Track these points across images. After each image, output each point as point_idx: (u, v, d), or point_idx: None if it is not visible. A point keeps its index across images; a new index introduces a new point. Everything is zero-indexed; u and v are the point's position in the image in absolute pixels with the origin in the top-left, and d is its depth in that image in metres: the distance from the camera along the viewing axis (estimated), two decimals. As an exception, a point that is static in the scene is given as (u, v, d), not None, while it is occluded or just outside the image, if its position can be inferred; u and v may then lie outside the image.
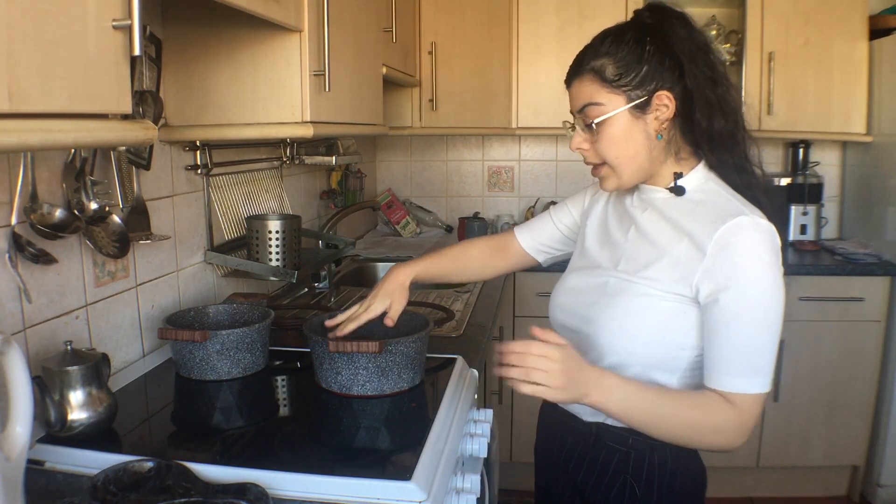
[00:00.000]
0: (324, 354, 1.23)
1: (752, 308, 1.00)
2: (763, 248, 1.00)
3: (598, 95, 1.07)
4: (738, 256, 0.99)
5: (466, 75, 2.77)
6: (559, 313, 1.23)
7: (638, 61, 1.06)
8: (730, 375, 1.01)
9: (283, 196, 2.07)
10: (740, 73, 2.79)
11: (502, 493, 1.58)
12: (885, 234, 2.70)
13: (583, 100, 1.09)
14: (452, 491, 1.06)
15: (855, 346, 2.63)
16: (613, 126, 1.07)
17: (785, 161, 3.18)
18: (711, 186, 1.10)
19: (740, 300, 0.99)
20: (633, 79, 1.06)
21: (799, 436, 2.70)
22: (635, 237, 1.14)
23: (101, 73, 0.74)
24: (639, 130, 1.08)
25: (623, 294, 1.10)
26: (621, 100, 1.06)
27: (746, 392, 1.00)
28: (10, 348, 0.81)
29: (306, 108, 1.37)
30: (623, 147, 1.08)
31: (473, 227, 3.01)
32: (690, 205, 1.09)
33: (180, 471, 0.89)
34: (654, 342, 1.07)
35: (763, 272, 1.00)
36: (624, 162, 1.09)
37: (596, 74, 1.07)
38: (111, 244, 1.25)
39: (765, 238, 1.00)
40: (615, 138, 1.08)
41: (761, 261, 1.00)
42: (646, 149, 1.09)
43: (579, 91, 1.10)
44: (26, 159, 1.07)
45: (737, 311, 1.00)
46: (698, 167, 1.12)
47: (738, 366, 1.00)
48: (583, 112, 1.09)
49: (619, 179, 1.12)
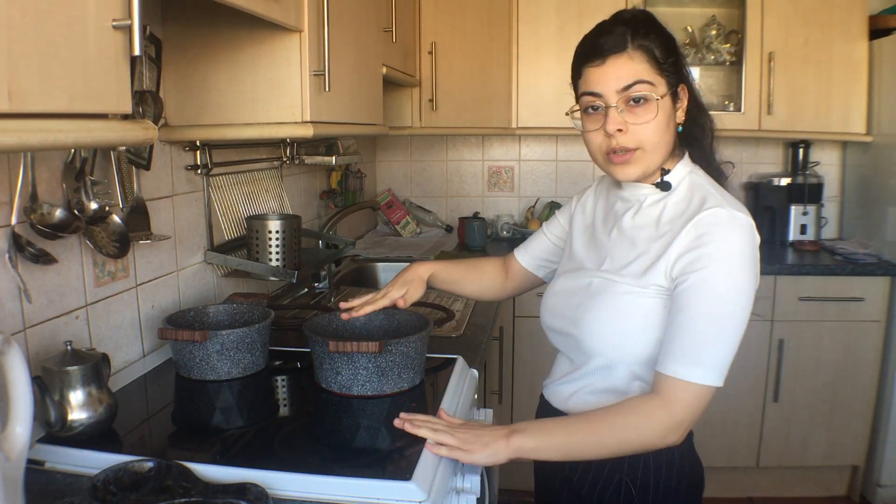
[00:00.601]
0: (324, 354, 1.23)
1: (713, 299, 0.98)
2: (737, 243, 0.99)
3: (649, 74, 1.04)
4: (711, 246, 0.99)
5: (466, 75, 2.77)
6: (548, 317, 1.22)
7: (674, 50, 1.07)
8: (669, 358, 1.00)
9: (283, 196, 2.07)
10: (740, 73, 2.79)
11: (502, 493, 1.58)
12: (885, 234, 2.70)
13: (632, 76, 1.04)
14: (452, 491, 1.06)
15: (855, 346, 2.62)
16: (662, 109, 1.05)
17: (785, 161, 3.17)
18: (695, 179, 1.10)
19: (702, 288, 0.98)
20: (672, 64, 1.06)
21: (799, 436, 2.70)
22: (618, 236, 1.14)
23: (101, 73, 0.74)
24: (673, 118, 1.09)
25: (606, 294, 1.10)
26: (664, 85, 1.06)
27: (679, 378, 0.98)
28: (10, 348, 0.81)
29: (306, 108, 1.37)
30: (663, 132, 1.06)
31: (473, 227, 3.01)
32: (673, 199, 1.10)
33: (180, 471, 0.89)
34: (639, 340, 1.06)
35: (732, 267, 0.99)
36: (659, 148, 1.07)
37: (646, 52, 1.04)
38: (111, 244, 1.25)
39: (741, 233, 1.00)
40: (661, 122, 1.05)
41: (733, 255, 0.99)
42: (672, 138, 1.09)
43: (627, 66, 1.04)
44: (26, 159, 1.07)
45: (695, 297, 0.99)
46: (682, 161, 1.12)
47: (680, 351, 0.99)
48: (629, 89, 1.04)
49: (645, 166, 1.08)
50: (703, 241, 1.00)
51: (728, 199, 1.05)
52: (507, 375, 2.70)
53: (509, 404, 2.72)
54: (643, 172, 1.09)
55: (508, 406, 2.72)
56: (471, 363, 1.47)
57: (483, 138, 3.38)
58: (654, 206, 1.11)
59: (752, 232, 1.01)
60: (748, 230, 1.01)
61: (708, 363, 0.98)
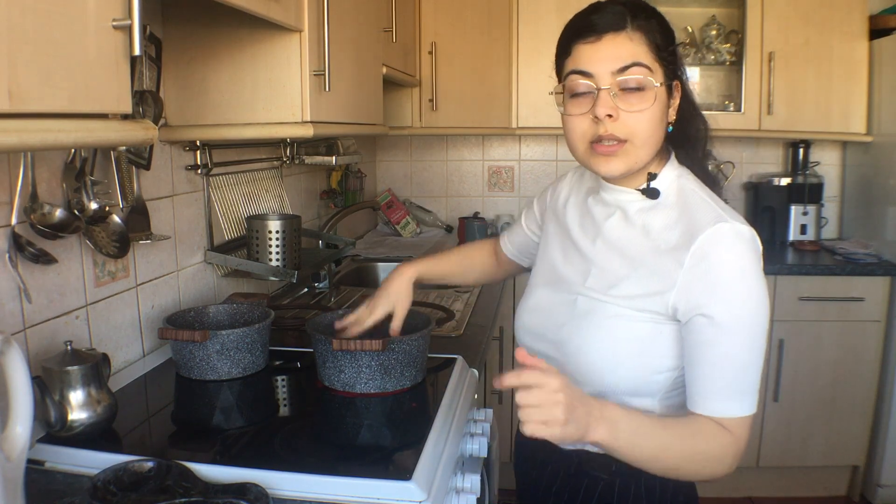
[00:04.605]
0: (327, 352, 1.23)
1: (737, 327, 0.91)
2: (746, 260, 0.92)
3: (647, 59, 0.94)
4: (720, 270, 0.91)
5: (466, 75, 2.77)
6: (526, 336, 1.12)
7: (673, 40, 0.98)
8: (719, 400, 0.92)
9: (283, 196, 2.07)
10: (740, 73, 2.80)
11: (502, 494, 1.58)
12: (885, 234, 2.70)
13: (631, 57, 0.93)
14: (452, 491, 1.05)
15: (855, 346, 2.62)
16: (659, 99, 0.96)
17: (785, 161, 3.17)
18: (684, 184, 1.02)
19: (724, 319, 0.91)
20: (670, 54, 0.96)
21: (799, 436, 2.70)
22: (604, 248, 1.04)
23: (101, 73, 0.74)
24: (665, 114, 0.99)
25: (594, 315, 1.00)
26: (661, 74, 0.96)
27: (738, 416, 0.92)
28: (10, 348, 0.81)
29: (306, 108, 1.37)
30: (656, 126, 0.97)
31: (473, 227, 3.01)
32: (663, 209, 1.00)
33: (180, 471, 0.89)
34: (630, 367, 0.98)
35: (748, 288, 0.92)
36: (649, 144, 0.97)
37: (646, 35, 0.94)
38: (111, 244, 1.25)
39: (747, 248, 0.92)
40: (655, 113, 0.95)
41: (745, 274, 0.92)
42: (662, 137, 0.99)
43: (625, 46, 0.94)
44: (26, 159, 1.07)
45: (721, 330, 0.91)
46: (669, 163, 1.04)
47: (725, 389, 0.92)
48: (625, 71, 0.93)
49: (632, 163, 0.98)
50: (712, 268, 0.92)
51: (725, 209, 0.97)
52: (507, 375, 2.70)
53: (509, 404, 2.72)
54: (628, 169, 0.98)
55: (508, 406, 2.72)
56: (471, 363, 1.47)
57: (483, 138, 3.38)
58: (642, 214, 1.02)
59: (756, 244, 0.94)
60: (753, 243, 0.94)
61: (750, 391, 0.92)
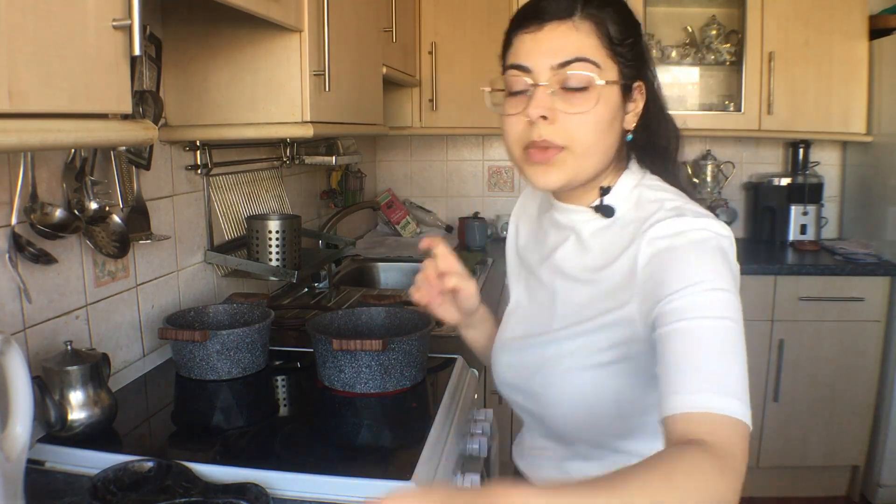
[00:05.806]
0: (327, 352, 1.23)
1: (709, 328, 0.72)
2: (708, 245, 0.77)
3: (596, 54, 0.81)
4: (680, 261, 0.76)
5: (466, 75, 2.76)
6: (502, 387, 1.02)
7: (635, 33, 0.85)
8: (700, 394, 0.68)
9: (283, 196, 2.07)
10: (740, 73, 2.79)
11: (502, 493, 1.57)
12: (885, 234, 2.70)
13: (574, 51, 0.81)
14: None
15: (855, 346, 2.62)
16: (606, 100, 0.82)
17: (785, 161, 3.17)
18: (643, 194, 0.87)
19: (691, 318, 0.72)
20: (629, 50, 0.83)
21: (799, 436, 2.70)
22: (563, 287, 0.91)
23: (101, 73, 0.74)
24: (619, 118, 0.85)
25: (561, 365, 0.88)
26: (614, 72, 0.83)
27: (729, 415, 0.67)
28: (10, 348, 0.81)
29: (306, 108, 1.37)
30: (603, 132, 0.83)
31: (473, 227, 3.01)
32: (621, 227, 0.86)
33: (180, 471, 0.89)
34: (612, 417, 0.85)
35: (715, 280, 0.74)
36: (594, 153, 0.83)
37: (596, 26, 0.81)
38: (111, 244, 1.25)
39: (710, 237, 0.78)
40: (600, 116, 0.82)
41: (704, 257, 0.76)
42: (614, 144, 0.86)
43: (567, 37, 0.81)
44: (26, 159, 1.07)
45: (689, 331, 0.72)
46: (625, 174, 0.90)
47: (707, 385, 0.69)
48: (565, 66, 0.81)
49: (572, 174, 0.84)
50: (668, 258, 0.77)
51: (691, 208, 0.83)
52: (507, 375, 2.70)
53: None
54: (568, 181, 0.84)
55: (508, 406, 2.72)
56: (471, 363, 1.47)
57: (483, 138, 3.38)
58: (598, 235, 0.88)
59: (727, 240, 0.79)
60: (719, 238, 0.78)
61: (735, 392, 0.69)
